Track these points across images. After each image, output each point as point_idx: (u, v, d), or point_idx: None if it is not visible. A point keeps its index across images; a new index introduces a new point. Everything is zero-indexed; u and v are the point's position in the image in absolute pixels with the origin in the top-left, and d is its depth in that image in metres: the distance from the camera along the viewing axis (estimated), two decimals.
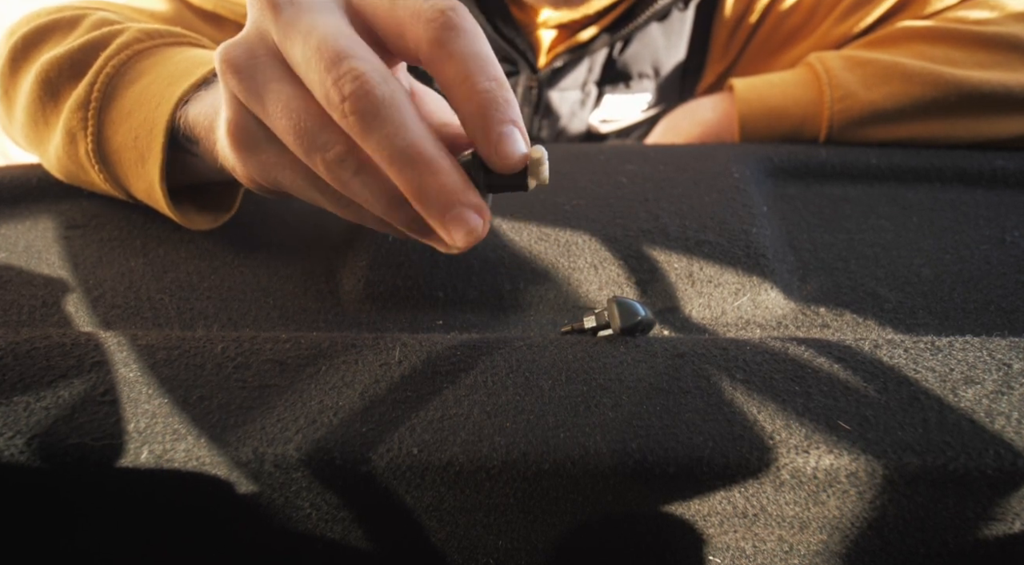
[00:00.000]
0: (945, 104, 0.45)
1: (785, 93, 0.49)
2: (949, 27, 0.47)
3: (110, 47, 0.36)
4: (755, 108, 0.50)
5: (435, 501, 0.25)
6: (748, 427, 0.24)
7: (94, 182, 0.38)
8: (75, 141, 0.36)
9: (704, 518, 0.26)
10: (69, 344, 0.28)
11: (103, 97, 0.35)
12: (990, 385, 0.26)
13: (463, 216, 0.22)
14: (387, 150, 0.21)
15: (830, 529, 0.26)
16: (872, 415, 0.25)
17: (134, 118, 0.34)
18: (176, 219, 0.35)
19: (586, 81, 0.62)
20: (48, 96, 0.37)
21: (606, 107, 0.64)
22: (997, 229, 0.39)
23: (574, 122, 0.65)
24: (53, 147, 0.38)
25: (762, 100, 0.50)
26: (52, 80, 0.37)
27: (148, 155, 0.33)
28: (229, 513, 0.26)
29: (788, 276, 0.35)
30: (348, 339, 0.29)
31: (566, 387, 0.26)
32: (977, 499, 0.24)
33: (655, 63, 0.62)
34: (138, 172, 0.34)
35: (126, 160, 0.34)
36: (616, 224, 0.37)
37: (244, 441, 0.24)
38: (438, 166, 0.22)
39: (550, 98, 0.62)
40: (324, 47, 0.22)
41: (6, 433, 0.25)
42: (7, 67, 0.41)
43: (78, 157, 0.36)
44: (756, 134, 0.50)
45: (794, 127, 0.49)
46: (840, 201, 0.42)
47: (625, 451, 0.24)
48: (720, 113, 0.53)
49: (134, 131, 0.34)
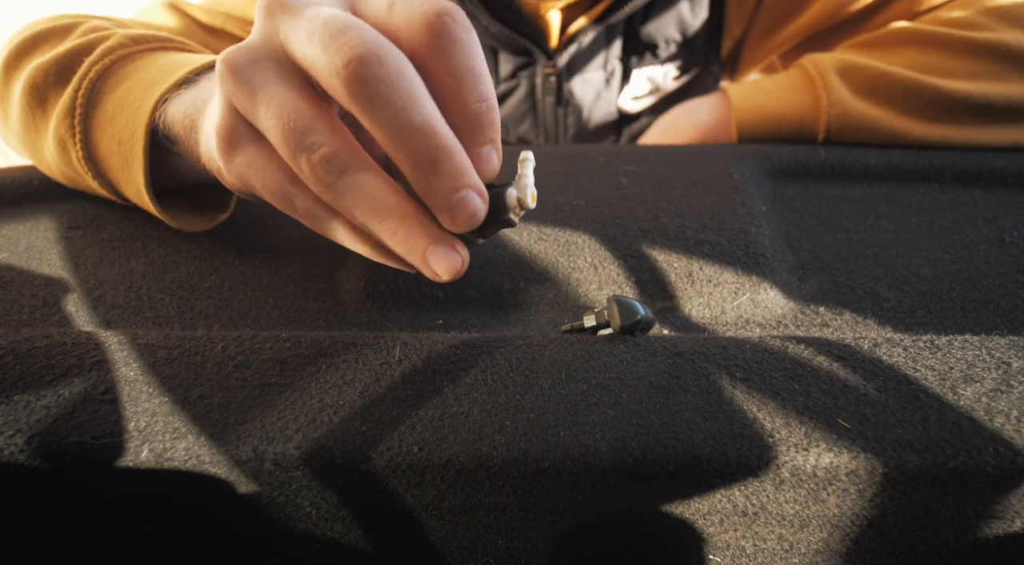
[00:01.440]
0: (931, 113, 0.46)
1: (780, 99, 0.50)
2: (942, 33, 0.48)
3: (94, 53, 0.36)
4: (753, 114, 0.50)
5: (435, 499, 0.25)
6: (748, 425, 0.24)
7: (92, 186, 0.38)
8: (66, 149, 0.36)
9: (704, 516, 0.26)
10: (70, 343, 0.28)
11: (87, 103, 0.35)
12: (989, 383, 0.26)
13: (469, 199, 0.22)
14: (398, 125, 0.21)
15: (830, 527, 0.26)
16: (872, 413, 0.25)
17: (117, 123, 0.34)
18: (166, 221, 0.35)
19: (607, 58, 0.61)
20: (37, 103, 0.37)
21: (636, 83, 0.64)
22: (996, 229, 0.39)
23: (600, 106, 0.64)
24: (48, 153, 0.38)
25: (759, 107, 0.50)
26: (40, 87, 0.37)
27: (132, 159, 0.33)
28: (229, 512, 0.26)
29: (787, 276, 0.35)
30: (348, 338, 0.29)
31: (566, 385, 0.26)
32: (977, 497, 0.24)
33: (682, 27, 0.61)
34: (126, 176, 0.34)
35: (113, 165, 0.35)
36: (616, 224, 0.37)
37: (244, 440, 0.24)
38: (452, 147, 0.21)
39: (572, 86, 0.62)
40: (330, 21, 0.21)
41: (7, 431, 0.25)
42: (2, 75, 0.41)
43: (72, 163, 0.36)
44: (754, 139, 0.50)
45: (792, 131, 0.49)
46: (839, 201, 0.42)
47: (625, 449, 0.24)
48: (717, 116, 0.53)
49: (117, 136, 0.33)
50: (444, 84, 0.22)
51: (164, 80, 0.32)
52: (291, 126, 0.22)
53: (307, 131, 0.22)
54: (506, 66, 0.62)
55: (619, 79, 0.63)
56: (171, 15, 0.53)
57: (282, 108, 0.22)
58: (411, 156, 0.21)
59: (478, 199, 0.22)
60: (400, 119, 0.21)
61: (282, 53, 0.23)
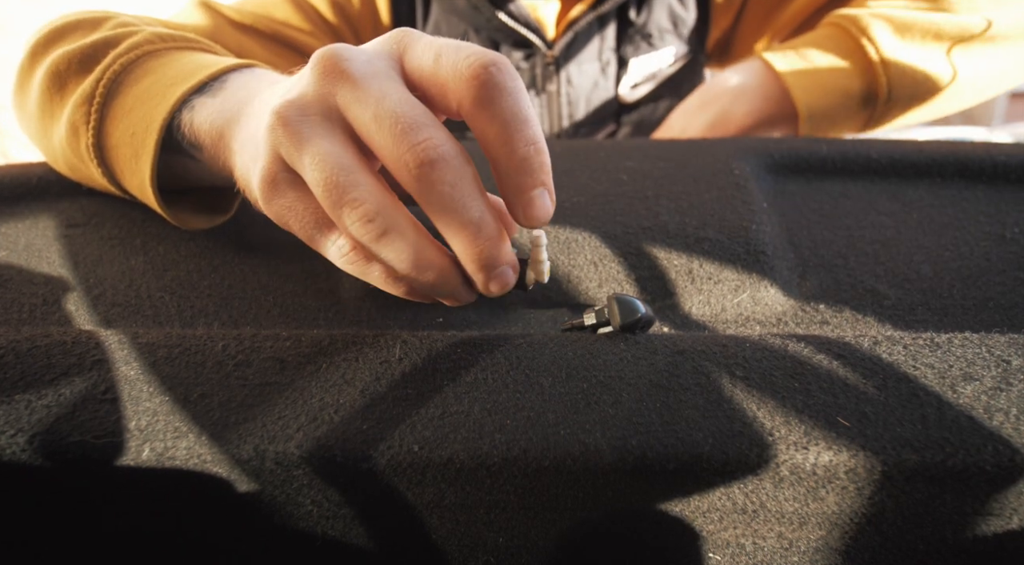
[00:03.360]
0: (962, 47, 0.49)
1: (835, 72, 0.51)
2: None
3: (121, 46, 0.37)
4: (816, 96, 0.51)
5: (436, 498, 0.25)
6: (747, 423, 0.25)
7: (93, 176, 0.38)
8: (77, 134, 0.36)
9: (704, 514, 0.26)
10: (70, 342, 0.28)
11: (107, 93, 0.35)
12: (989, 382, 0.26)
13: (505, 275, 0.25)
14: (457, 216, 0.23)
15: (829, 525, 0.26)
16: (871, 411, 0.25)
17: (133, 115, 0.34)
18: (167, 217, 0.35)
19: (601, 50, 0.63)
20: (56, 89, 0.38)
21: (635, 72, 0.66)
22: (997, 226, 0.39)
23: (598, 94, 0.66)
24: (57, 139, 0.38)
25: (822, 87, 0.51)
26: (61, 73, 0.37)
27: (142, 151, 0.33)
28: (230, 510, 0.26)
29: (788, 273, 0.35)
30: (349, 336, 0.29)
31: (566, 384, 0.26)
32: (976, 495, 0.24)
33: (673, 17, 0.63)
34: (132, 168, 0.34)
35: (122, 156, 0.35)
36: (616, 221, 0.37)
37: (245, 439, 0.24)
38: (498, 236, 0.24)
39: (570, 73, 0.64)
40: (401, 114, 0.23)
41: (7, 431, 0.25)
42: (27, 61, 0.42)
43: (79, 150, 0.36)
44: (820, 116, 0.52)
45: (859, 101, 0.51)
46: (840, 197, 0.42)
47: (625, 447, 0.24)
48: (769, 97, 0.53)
49: (132, 127, 0.34)
50: (492, 131, 0.24)
51: (187, 79, 0.33)
52: (334, 180, 0.23)
53: (350, 186, 0.23)
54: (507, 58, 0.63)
55: (615, 67, 0.65)
56: (203, 13, 0.56)
57: (327, 162, 0.23)
58: (463, 242, 0.24)
59: (511, 274, 0.25)
60: (458, 214, 0.23)
61: (334, 112, 0.24)
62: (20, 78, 0.42)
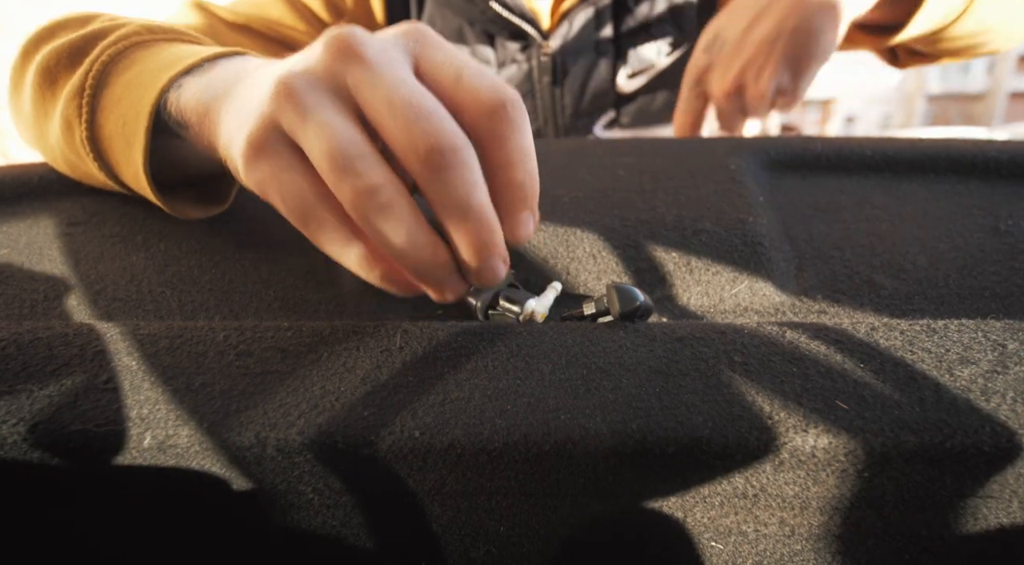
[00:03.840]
0: None
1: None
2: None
3: (109, 38, 0.37)
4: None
5: (437, 484, 0.25)
6: (747, 408, 0.25)
7: (91, 171, 0.38)
8: (71, 128, 0.36)
9: (705, 500, 0.26)
10: (71, 334, 0.28)
11: (97, 85, 0.35)
12: (985, 365, 0.26)
13: (499, 266, 0.26)
14: (460, 203, 0.24)
15: (831, 510, 0.26)
16: (869, 395, 0.25)
17: (123, 104, 0.34)
18: (161, 205, 0.35)
19: (599, 38, 0.63)
20: (48, 85, 0.38)
21: (633, 62, 0.66)
22: (991, 218, 0.39)
23: (595, 85, 0.66)
24: (54, 137, 0.38)
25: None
26: (51, 69, 0.38)
27: (133, 140, 0.33)
28: (232, 498, 0.26)
29: (785, 264, 0.36)
30: (350, 326, 0.29)
31: (566, 370, 0.26)
32: (975, 476, 0.24)
33: (671, 5, 0.63)
34: (126, 158, 0.34)
35: (115, 147, 0.35)
36: (614, 215, 0.37)
37: (246, 426, 0.25)
38: (495, 227, 0.25)
39: (567, 66, 0.64)
40: (416, 102, 0.23)
41: (10, 420, 0.25)
42: (19, 61, 0.42)
43: (75, 145, 0.37)
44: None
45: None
46: (836, 193, 0.42)
47: (625, 431, 0.24)
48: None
49: (123, 117, 0.34)
50: (497, 158, 0.25)
51: (174, 65, 0.33)
52: (341, 149, 0.23)
53: (357, 157, 0.23)
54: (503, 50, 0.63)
55: (612, 58, 0.65)
56: (197, 14, 0.57)
57: (335, 131, 0.24)
58: (460, 228, 0.25)
59: (503, 268, 0.26)
60: (460, 201, 0.24)
61: (344, 90, 0.24)
62: (14, 79, 0.42)
